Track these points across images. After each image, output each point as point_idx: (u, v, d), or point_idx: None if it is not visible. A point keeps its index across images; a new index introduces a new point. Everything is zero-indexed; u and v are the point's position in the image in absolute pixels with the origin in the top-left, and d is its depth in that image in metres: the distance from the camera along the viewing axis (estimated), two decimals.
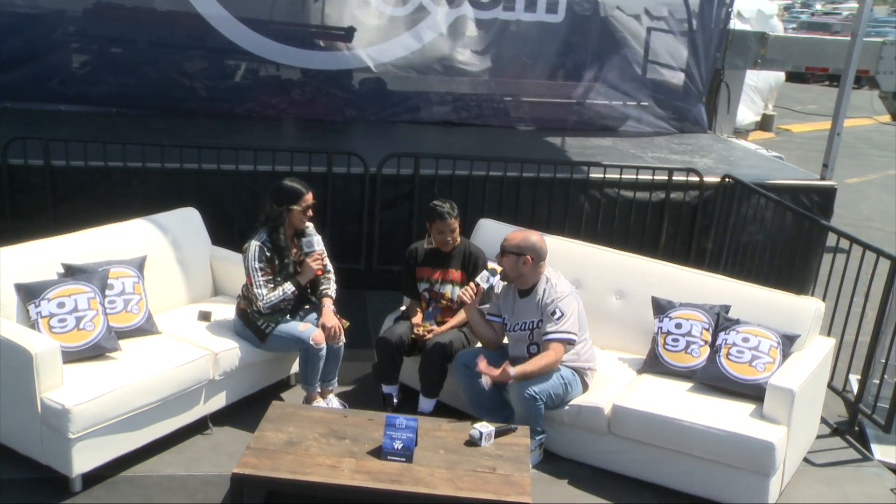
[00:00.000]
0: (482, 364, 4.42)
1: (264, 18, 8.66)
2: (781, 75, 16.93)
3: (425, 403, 4.88)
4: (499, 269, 4.78)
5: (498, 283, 4.70)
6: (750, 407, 4.44)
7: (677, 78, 9.38)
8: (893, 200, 12.64)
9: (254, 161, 6.61)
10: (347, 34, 9.19)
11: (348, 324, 4.94)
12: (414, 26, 8.83)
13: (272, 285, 4.75)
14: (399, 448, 3.89)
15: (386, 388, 5.03)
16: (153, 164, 6.51)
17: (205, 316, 5.11)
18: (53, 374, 4.12)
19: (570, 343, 4.53)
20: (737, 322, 4.72)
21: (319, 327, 4.81)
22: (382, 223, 6.93)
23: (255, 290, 4.71)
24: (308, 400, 4.93)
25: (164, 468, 4.47)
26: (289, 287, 4.78)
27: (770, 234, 6.89)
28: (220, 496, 4.23)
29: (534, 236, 4.66)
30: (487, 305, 4.90)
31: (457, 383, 4.79)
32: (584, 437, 4.64)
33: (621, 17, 9.24)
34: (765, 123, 17.33)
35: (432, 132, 8.72)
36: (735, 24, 10.17)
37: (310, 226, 4.92)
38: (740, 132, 13.15)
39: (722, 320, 4.78)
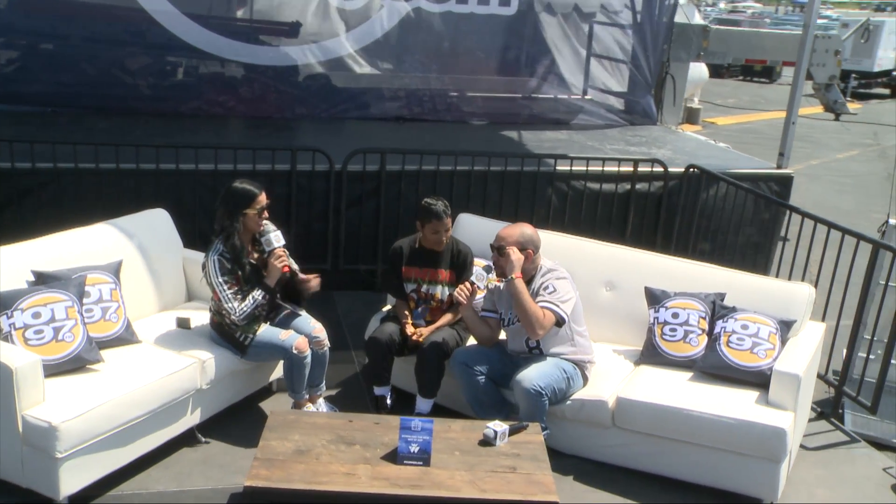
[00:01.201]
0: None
1: (210, 13, 8.33)
2: (706, 70, 17.31)
3: (423, 404, 4.73)
4: (482, 264, 4.69)
5: (489, 281, 4.59)
6: (754, 394, 4.43)
7: (627, 71, 9.41)
8: (820, 190, 13.02)
9: (214, 160, 6.33)
10: (292, 29, 8.95)
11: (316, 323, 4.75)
12: (365, 20, 8.62)
13: (241, 296, 4.50)
14: (416, 451, 3.73)
15: (378, 390, 4.85)
16: (107, 165, 6.16)
17: (183, 323, 4.84)
18: (34, 390, 3.83)
19: (559, 319, 4.40)
20: (733, 310, 4.72)
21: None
22: (349, 222, 6.73)
23: (226, 305, 4.45)
24: (297, 407, 4.73)
25: (154, 485, 4.21)
26: (258, 294, 4.51)
27: (732, 220, 7.04)
28: None
29: (528, 229, 4.57)
30: (479, 299, 4.78)
31: (452, 382, 4.67)
32: (587, 431, 4.57)
33: (571, 11, 9.23)
34: (691, 116, 17.68)
35: (386, 128, 8.52)
36: None
37: (266, 223, 4.61)
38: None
39: (718, 308, 4.77)
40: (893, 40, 24.36)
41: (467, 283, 4.49)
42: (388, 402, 4.83)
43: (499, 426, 3.97)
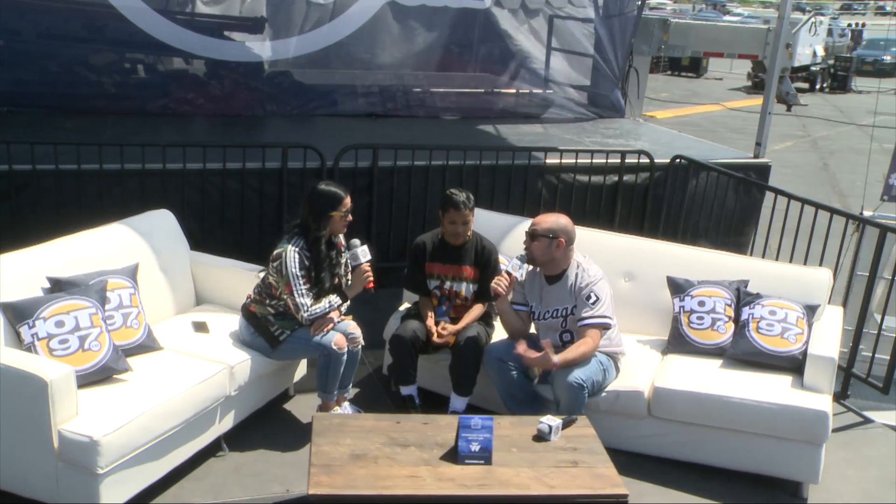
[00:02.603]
0: (521, 347, 4.22)
1: (176, 8, 8.03)
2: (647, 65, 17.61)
3: (458, 402, 4.63)
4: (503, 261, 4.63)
5: (526, 271, 4.52)
6: (787, 378, 4.47)
7: (596, 64, 9.45)
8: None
9: (203, 159, 6.09)
10: (256, 25, 8.72)
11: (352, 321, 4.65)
12: (338, 16, 8.44)
13: (312, 294, 4.37)
14: (477, 450, 3.63)
15: (405, 390, 4.73)
16: (89, 166, 5.86)
17: (200, 327, 4.64)
18: (69, 404, 3.60)
19: (606, 328, 4.41)
20: (758, 296, 4.75)
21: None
22: None
23: (298, 299, 4.31)
24: (325, 407, 4.58)
25: (189, 497, 4.02)
26: (336, 300, 4.42)
27: (715, 208, 7.20)
28: None
29: (563, 218, 4.51)
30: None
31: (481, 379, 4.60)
32: (622, 422, 4.54)
33: (542, 5, 9.23)
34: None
35: (362, 124, 8.35)
36: None
37: (354, 239, 4.56)
38: None
39: (743, 295, 4.80)
40: (809, 37, 25.24)
41: (505, 274, 4.42)
42: (417, 401, 4.72)
43: (552, 421, 3.90)
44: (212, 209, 6.22)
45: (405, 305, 5.15)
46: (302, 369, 4.97)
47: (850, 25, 37.04)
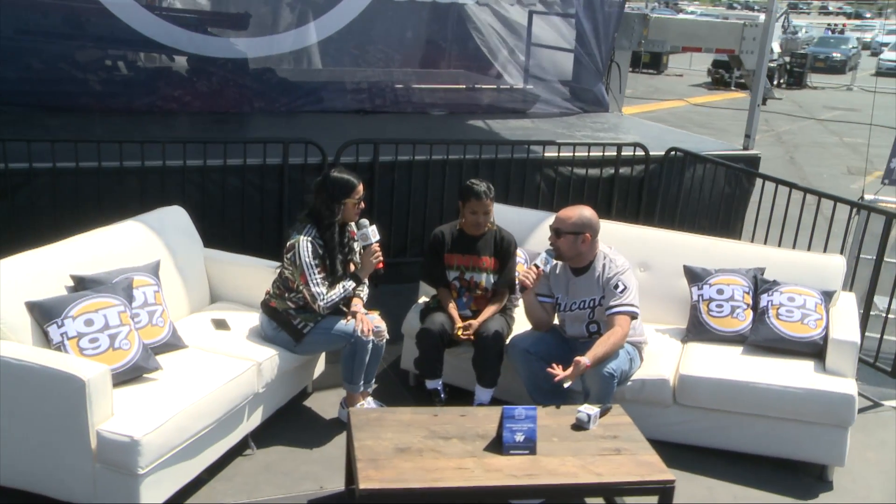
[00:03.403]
0: (560, 371, 4.20)
1: (163, 3, 7.88)
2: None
3: (484, 394, 4.61)
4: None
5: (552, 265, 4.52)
6: (809, 363, 4.53)
7: (580, 59, 9.50)
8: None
9: (203, 155, 5.99)
10: (241, 21, 8.61)
11: (377, 315, 4.59)
12: (326, 12, 8.36)
13: (327, 283, 4.31)
14: (521, 440, 3.62)
15: (431, 384, 4.70)
16: (88, 164, 5.72)
17: (220, 324, 4.56)
18: (105, 404, 3.51)
19: (634, 316, 4.42)
20: (776, 283, 4.81)
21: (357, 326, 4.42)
22: None
23: (314, 288, 4.25)
24: (350, 401, 4.54)
25: (222, 497, 3.94)
26: (349, 284, 4.37)
27: (712, 198, 7.31)
28: None
29: (587, 211, 4.51)
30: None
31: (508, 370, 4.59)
32: (647, 411, 4.53)
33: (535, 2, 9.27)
34: None
35: (351, 120, 8.30)
36: None
37: (363, 219, 4.49)
38: None
39: (760, 283, 4.85)
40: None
41: (533, 267, 4.41)
42: (443, 395, 4.69)
43: (590, 409, 3.91)
44: (213, 206, 6.11)
45: (423, 299, 5.12)
46: (320, 366, 4.91)
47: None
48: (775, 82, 26.80)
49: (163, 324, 4.14)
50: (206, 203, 6.10)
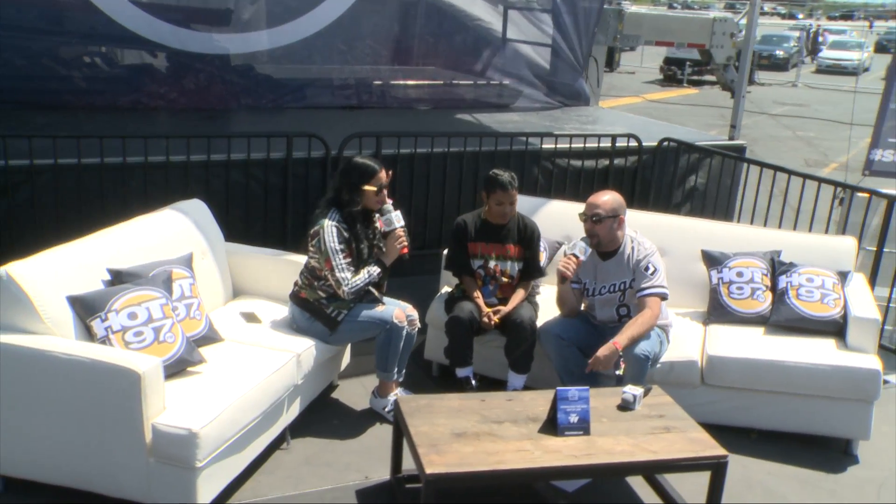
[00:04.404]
0: (594, 363, 4.26)
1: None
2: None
3: (517, 380, 4.65)
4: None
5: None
6: (830, 341, 4.65)
7: (561, 53, 9.58)
8: None
9: (207, 150, 5.91)
10: (223, 17, 8.51)
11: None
12: (314, 8, 8.30)
13: (352, 269, 4.28)
14: (575, 421, 3.65)
15: (461, 372, 4.71)
16: (90, 160, 5.60)
17: (251, 317, 4.51)
18: (158, 397, 3.45)
19: (664, 298, 4.49)
20: (793, 265, 4.93)
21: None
22: None
23: (339, 274, 4.21)
24: (383, 390, 4.54)
25: (269, 492, 3.90)
26: (374, 269, 4.34)
27: (701, 186, 7.51)
28: None
29: (617, 195, 4.57)
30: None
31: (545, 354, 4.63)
32: (675, 392, 4.50)
33: None
34: None
35: (339, 115, 8.23)
36: None
37: (387, 204, 4.45)
38: None
39: (778, 265, 4.96)
40: None
41: (571, 256, 4.43)
42: (474, 382, 4.71)
43: (635, 390, 3.96)
44: (217, 201, 6.00)
45: (445, 289, 5.13)
46: (346, 359, 4.88)
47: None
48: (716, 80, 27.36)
49: (200, 317, 4.08)
50: (211, 198, 5.95)
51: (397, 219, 4.41)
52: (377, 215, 4.45)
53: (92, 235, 4.13)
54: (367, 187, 4.34)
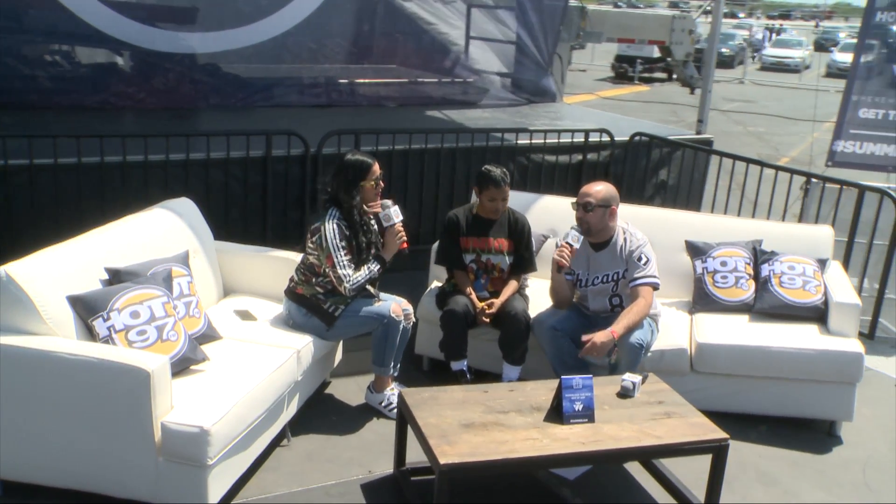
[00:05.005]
0: (589, 348, 4.33)
1: None
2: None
3: (512, 371, 4.69)
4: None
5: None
6: (812, 327, 4.79)
7: (527, 51, 9.67)
8: None
9: (186, 149, 5.85)
10: (189, 15, 8.41)
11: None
12: (282, 7, 8.25)
13: (353, 265, 4.29)
14: (580, 409, 3.71)
15: (456, 365, 4.74)
16: (66, 160, 5.51)
17: (245, 315, 4.49)
18: (166, 396, 3.42)
19: (656, 287, 4.58)
20: (774, 253, 5.06)
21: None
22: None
23: (340, 271, 4.22)
24: (379, 385, 4.55)
25: (274, 488, 3.88)
26: (374, 265, 4.36)
27: (670, 178, 7.69)
28: (359, 502, 3.81)
29: (610, 186, 4.64)
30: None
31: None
32: (665, 380, 4.59)
33: None
34: None
35: (310, 114, 8.19)
36: None
37: (386, 200, 4.48)
38: None
39: (760, 254, 5.09)
40: None
41: (565, 245, 4.49)
42: (469, 376, 4.74)
43: (634, 378, 4.03)
44: (196, 199, 5.96)
45: (434, 284, 5.15)
46: (338, 356, 4.88)
47: None
48: (675, 76, 27.83)
49: (199, 315, 4.05)
50: (190, 197, 5.94)
51: (396, 214, 4.43)
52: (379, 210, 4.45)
53: (85, 235, 4.07)
54: (363, 183, 4.35)
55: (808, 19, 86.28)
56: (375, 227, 4.50)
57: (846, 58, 34.76)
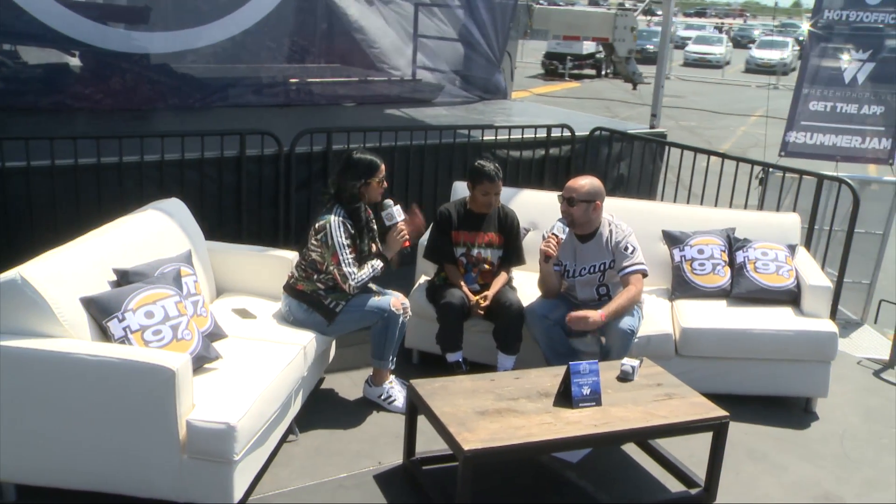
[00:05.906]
0: (576, 319, 4.48)
1: None
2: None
3: (507, 361, 4.80)
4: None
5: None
6: (787, 309, 5.03)
7: (479, 48, 9.80)
8: None
9: (161, 149, 5.80)
10: (142, 15, 8.30)
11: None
12: (240, 7, 8.20)
13: (357, 263, 4.34)
14: (588, 393, 3.85)
15: (452, 357, 4.84)
16: (39, 163, 5.41)
17: (244, 313, 4.50)
18: (189, 394, 3.43)
19: (645, 274, 4.75)
20: (747, 241, 5.29)
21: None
22: (298, 205, 6.48)
23: (345, 268, 4.27)
24: (378, 378, 4.62)
25: (288, 483, 3.92)
26: (378, 263, 4.41)
27: (636, 169, 7.91)
28: (374, 492, 3.86)
29: (595, 181, 4.79)
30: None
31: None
32: None
33: None
34: None
35: (271, 113, 8.18)
36: None
37: (387, 199, 4.53)
38: None
39: (734, 241, 5.32)
40: None
41: (552, 236, 4.62)
42: (464, 367, 4.84)
43: (633, 362, 4.19)
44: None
45: (423, 278, 5.23)
46: (332, 352, 4.92)
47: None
48: (603, 72, 28.41)
49: (205, 313, 4.06)
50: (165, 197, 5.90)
51: (398, 213, 4.51)
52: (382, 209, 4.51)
53: (85, 236, 4.03)
54: (370, 181, 4.41)
55: (721, 17, 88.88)
56: (385, 223, 4.55)
57: (763, 54, 36.29)
